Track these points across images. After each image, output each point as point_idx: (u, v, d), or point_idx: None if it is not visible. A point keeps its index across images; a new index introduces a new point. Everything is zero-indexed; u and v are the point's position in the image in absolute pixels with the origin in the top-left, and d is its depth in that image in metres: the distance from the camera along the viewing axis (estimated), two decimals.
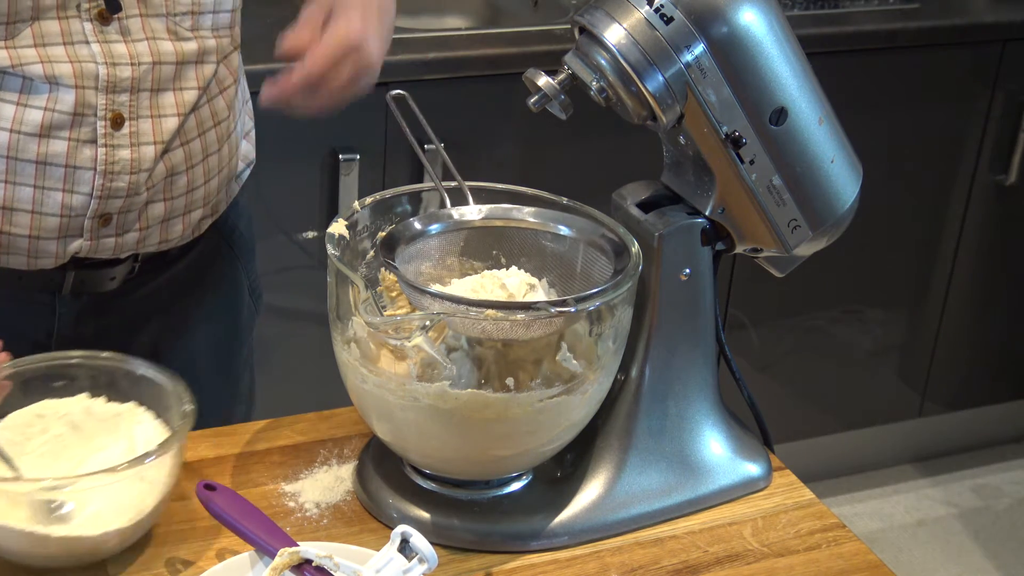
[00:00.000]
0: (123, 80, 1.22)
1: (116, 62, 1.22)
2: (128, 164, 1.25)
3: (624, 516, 1.18)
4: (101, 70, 1.21)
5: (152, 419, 1.15)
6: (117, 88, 1.22)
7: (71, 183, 1.24)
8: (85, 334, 1.33)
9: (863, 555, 1.17)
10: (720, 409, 1.24)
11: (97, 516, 1.06)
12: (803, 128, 1.13)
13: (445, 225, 1.17)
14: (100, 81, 1.21)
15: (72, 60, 1.20)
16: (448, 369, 1.10)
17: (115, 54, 1.22)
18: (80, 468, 1.11)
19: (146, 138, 1.26)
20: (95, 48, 1.21)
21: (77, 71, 1.20)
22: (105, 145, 1.24)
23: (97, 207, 1.26)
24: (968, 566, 2.79)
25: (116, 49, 1.22)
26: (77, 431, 1.14)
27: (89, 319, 1.34)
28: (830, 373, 2.85)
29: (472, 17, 2.65)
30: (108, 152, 1.24)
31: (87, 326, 1.34)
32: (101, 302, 1.34)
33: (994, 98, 2.71)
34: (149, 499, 1.08)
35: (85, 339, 1.32)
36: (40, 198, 1.24)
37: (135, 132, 1.25)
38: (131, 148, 1.25)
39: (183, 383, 1.13)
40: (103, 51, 1.21)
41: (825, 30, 2.52)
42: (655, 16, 1.07)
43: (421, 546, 1.01)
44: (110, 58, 1.21)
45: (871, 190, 1.30)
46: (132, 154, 1.25)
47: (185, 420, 1.10)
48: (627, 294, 1.10)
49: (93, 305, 1.34)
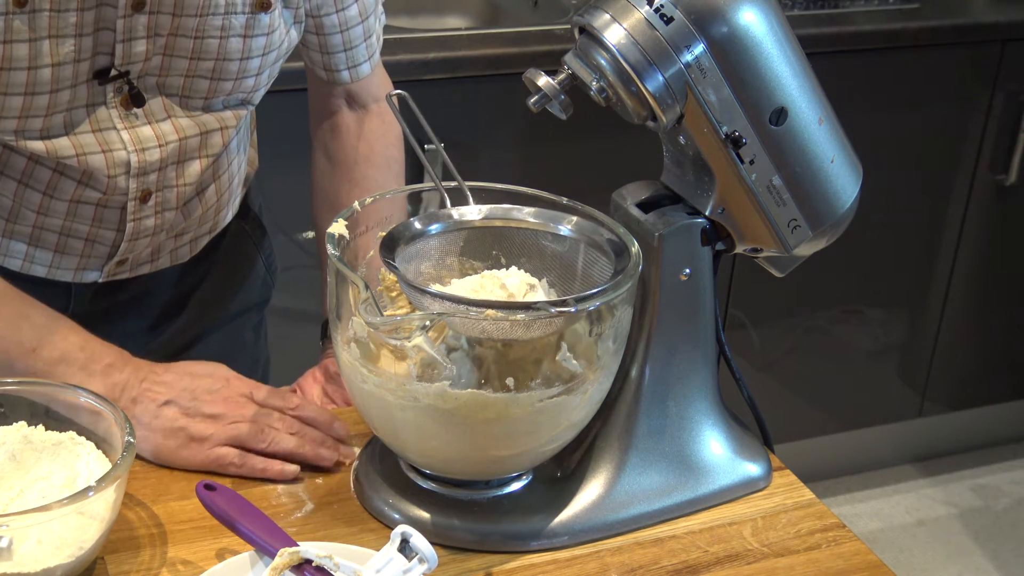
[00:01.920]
0: (152, 163, 1.25)
1: (145, 147, 1.24)
2: (152, 228, 1.30)
3: (624, 516, 1.18)
4: (133, 158, 1.23)
5: (93, 449, 1.12)
6: (147, 171, 1.25)
7: (93, 239, 1.29)
8: (98, 310, 1.36)
9: (863, 555, 1.17)
10: (720, 409, 1.24)
11: (38, 551, 1.02)
12: (803, 128, 1.13)
13: (445, 225, 1.17)
14: (132, 168, 1.23)
15: (104, 149, 1.21)
16: (448, 369, 1.10)
17: (143, 138, 1.23)
18: (20, 499, 1.07)
19: (170, 204, 1.30)
20: (124, 136, 1.22)
21: (110, 160, 1.22)
22: (132, 220, 1.28)
23: (117, 260, 1.32)
24: (968, 566, 2.79)
25: (143, 133, 1.24)
26: (15, 460, 1.11)
27: (103, 297, 1.37)
28: (830, 373, 2.85)
29: (472, 17, 2.65)
30: (135, 224, 1.29)
31: (101, 303, 1.37)
32: (116, 283, 1.36)
33: (994, 98, 2.71)
34: (90, 533, 1.05)
35: (99, 314, 1.36)
36: (63, 247, 1.29)
37: (160, 202, 1.29)
38: (155, 216, 1.30)
39: (123, 413, 1.10)
40: (132, 137, 1.23)
41: (825, 30, 2.52)
42: (655, 16, 1.07)
43: (421, 546, 1.01)
44: (139, 144, 1.23)
45: (871, 190, 1.30)
46: (156, 220, 1.30)
47: (128, 452, 1.06)
48: (627, 294, 1.10)
49: (108, 284, 1.36)
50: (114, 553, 1.10)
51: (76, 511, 1.03)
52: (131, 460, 1.06)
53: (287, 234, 2.18)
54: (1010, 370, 3.07)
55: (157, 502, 1.16)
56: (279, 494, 1.19)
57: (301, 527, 1.15)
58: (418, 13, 2.60)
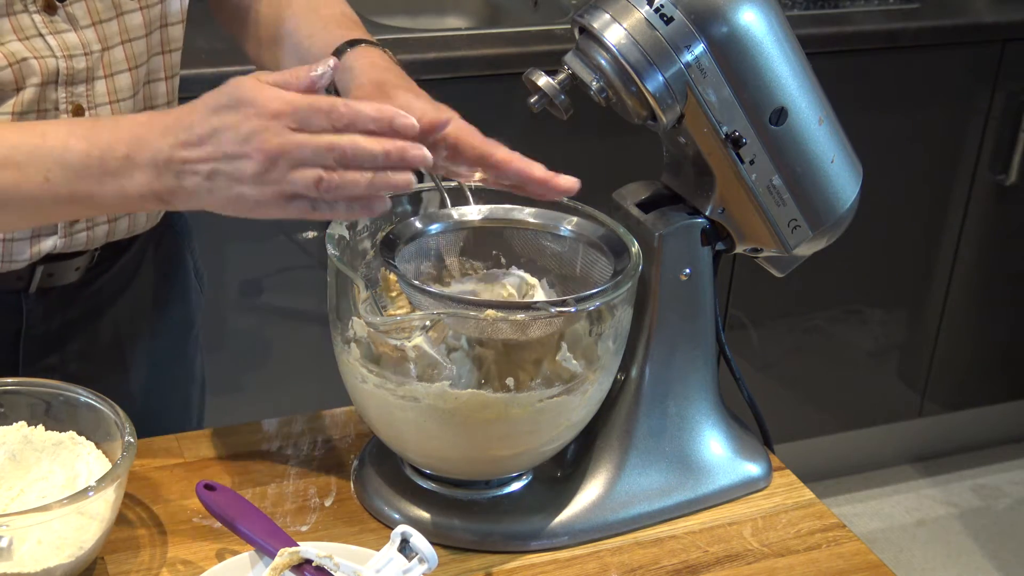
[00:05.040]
0: (79, 72, 1.20)
1: (72, 53, 1.19)
2: None
3: (624, 516, 1.18)
4: (61, 64, 1.19)
5: (93, 449, 1.12)
6: (75, 80, 1.20)
7: None
8: (52, 328, 1.32)
9: (863, 555, 1.17)
10: (720, 409, 1.24)
11: (38, 551, 1.02)
12: (803, 128, 1.13)
13: (445, 225, 1.17)
14: (60, 76, 1.19)
15: (35, 55, 1.17)
16: (448, 369, 1.10)
17: (69, 45, 1.19)
18: (20, 498, 1.07)
19: None
20: (51, 41, 1.18)
21: (43, 67, 1.18)
22: None
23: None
24: (968, 566, 2.79)
25: (69, 40, 1.19)
26: (15, 460, 1.10)
27: (56, 313, 1.32)
28: (830, 373, 2.85)
29: (472, 17, 2.65)
30: None
31: (54, 321, 1.33)
32: (65, 295, 1.32)
33: (994, 98, 2.71)
34: (90, 533, 1.04)
35: (53, 334, 1.32)
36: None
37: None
38: None
39: (123, 412, 1.10)
40: (58, 43, 1.19)
41: (825, 30, 2.52)
42: (655, 16, 1.07)
43: (421, 546, 1.01)
44: (66, 50, 1.19)
45: (871, 190, 1.30)
46: None
47: (128, 452, 1.06)
48: (627, 294, 1.10)
49: (58, 299, 1.32)
50: (114, 553, 1.10)
51: (76, 511, 1.03)
52: (131, 460, 1.06)
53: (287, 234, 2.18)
54: (1010, 370, 3.07)
55: (157, 502, 1.16)
56: (279, 494, 1.19)
57: (301, 527, 1.15)
58: (418, 13, 2.60)
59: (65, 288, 1.32)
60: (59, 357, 1.34)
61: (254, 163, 0.97)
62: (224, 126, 0.98)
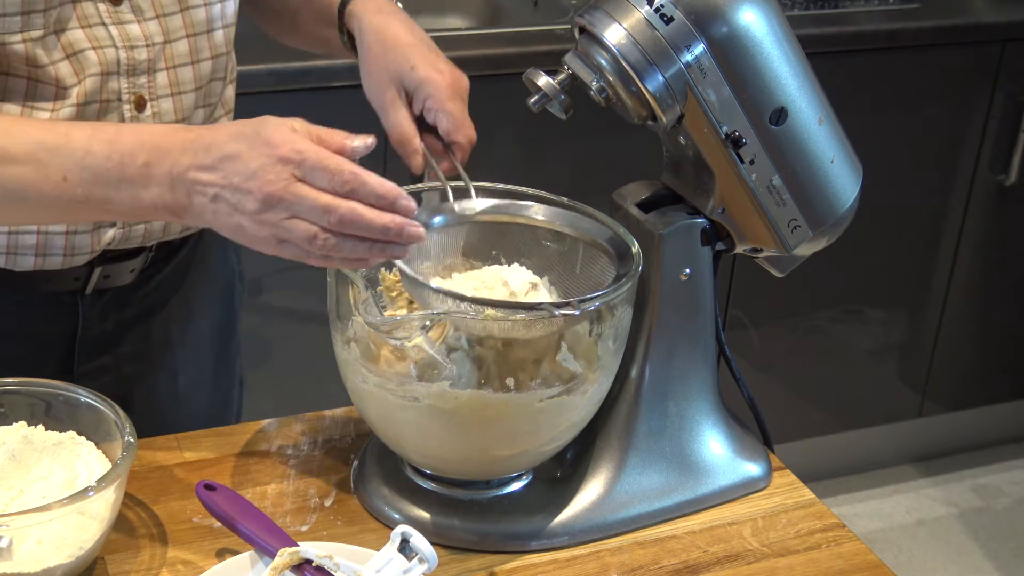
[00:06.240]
0: (141, 63, 1.22)
1: (133, 44, 1.22)
2: None
3: (624, 516, 1.18)
4: (122, 55, 1.21)
5: (93, 449, 1.12)
6: (136, 71, 1.22)
7: None
8: (107, 329, 1.35)
9: (863, 555, 1.17)
10: (720, 409, 1.24)
11: (38, 551, 1.02)
12: (803, 128, 1.13)
13: (447, 219, 1.17)
14: (122, 66, 1.21)
15: (95, 45, 1.19)
16: (448, 369, 1.10)
17: (131, 36, 1.21)
18: (20, 498, 1.07)
19: (168, 117, 1.26)
20: (113, 31, 1.21)
21: (101, 57, 1.20)
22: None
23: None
24: (968, 566, 2.79)
25: (131, 31, 1.22)
26: (15, 460, 1.10)
27: (110, 315, 1.35)
28: (830, 373, 2.85)
29: (472, 17, 2.65)
30: None
31: (108, 322, 1.35)
32: (120, 297, 1.35)
33: (994, 98, 2.71)
34: (90, 533, 1.05)
35: (107, 335, 1.35)
36: None
37: (157, 113, 1.25)
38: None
39: (123, 412, 1.10)
40: (120, 34, 1.21)
41: (825, 30, 2.52)
42: (655, 16, 1.07)
43: (421, 546, 1.01)
44: (127, 41, 1.21)
45: (871, 190, 1.30)
46: None
47: (128, 452, 1.06)
48: (627, 294, 1.10)
49: (113, 301, 1.35)
50: (114, 553, 1.10)
51: (76, 511, 1.03)
52: (131, 460, 1.06)
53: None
54: (1010, 370, 3.07)
55: (157, 502, 1.16)
56: (279, 494, 1.19)
57: (301, 527, 1.15)
58: (418, 13, 2.59)
59: (119, 290, 1.34)
60: (112, 358, 1.36)
61: (254, 200, 0.99)
62: (236, 156, 0.99)
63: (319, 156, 0.99)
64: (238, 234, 1.02)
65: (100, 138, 1.04)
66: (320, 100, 2.10)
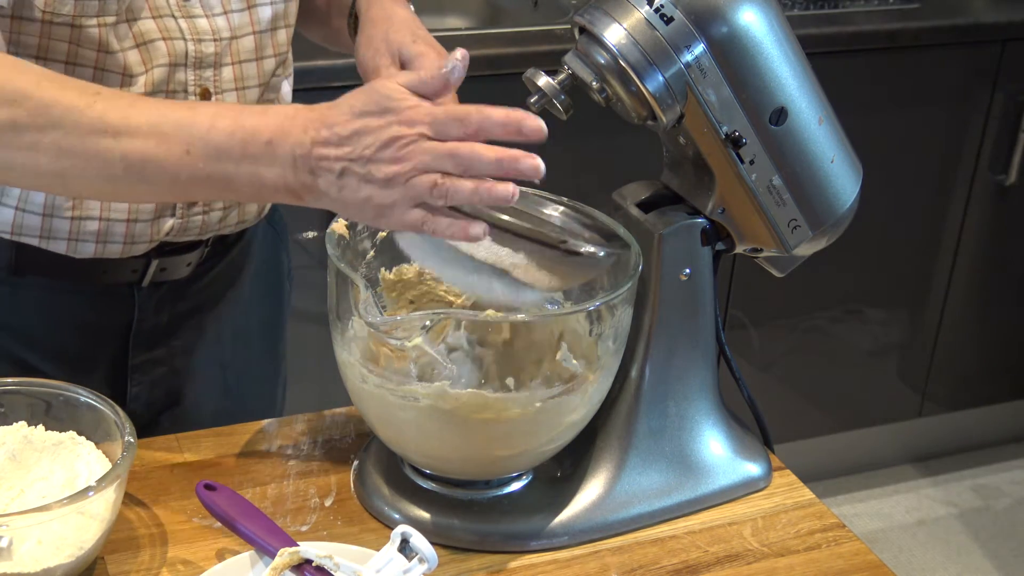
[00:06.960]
0: (208, 56, 1.24)
1: (201, 38, 1.23)
2: None
3: (624, 516, 1.18)
4: (190, 47, 1.23)
5: (93, 449, 1.12)
6: (203, 64, 1.24)
7: None
8: (161, 322, 1.36)
9: (863, 555, 1.17)
10: (720, 409, 1.24)
11: (38, 551, 1.02)
12: (803, 128, 1.13)
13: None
14: (189, 58, 1.23)
15: (164, 36, 1.21)
16: (448, 369, 1.10)
17: (199, 30, 1.23)
18: (20, 498, 1.07)
19: None
20: (182, 24, 1.22)
21: (170, 49, 1.22)
22: None
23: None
24: (968, 566, 2.79)
25: (200, 25, 1.24)
26: (15, 460, 1.10)
27: (165, 308, 1.37)
28: (830, 373, 2.85)
29: (472, 17, 2.65)
30: None
31: (163, 315, 1.37)
32: (175, 290, 1.36)
33: (994, 98, 2.71)
34: (90, 533, 1.05)
35: (161, 328, 1.37)
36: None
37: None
38: None
39: (124, 412, 1.10)
40: (189, 27, 1.23)
41: (825, 30, 2.52)
42: (655, 16, 1.07)
43: (421, 546, 1.01)
44: (195, 34, 1.23)
45: (871, 190, 1.30)
46: None
47: (128, 452, 1.06)
48: (627, 294, 1.10)
49: (169, 294, 1.36)
50: (114, 553, 1.10)
51: (76, 511, 1.03)
52: (131, 460, 1.06)
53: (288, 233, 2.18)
54: (1010, 370, 3.07)
55: (157, 502, 1.16)
56: (279, 494, 1.19)
57: (301, 527, 1.15)
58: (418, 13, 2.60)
59: (175, 284, 1.35)
60: (166, 350, 1.38)
61: (386, 167, 1.00)
62: (366, 130, 1.00)
63: (446, 113, 1.00)
64: (364, 208, 1.01)
65: (224, 114, 1.04)
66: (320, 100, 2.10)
